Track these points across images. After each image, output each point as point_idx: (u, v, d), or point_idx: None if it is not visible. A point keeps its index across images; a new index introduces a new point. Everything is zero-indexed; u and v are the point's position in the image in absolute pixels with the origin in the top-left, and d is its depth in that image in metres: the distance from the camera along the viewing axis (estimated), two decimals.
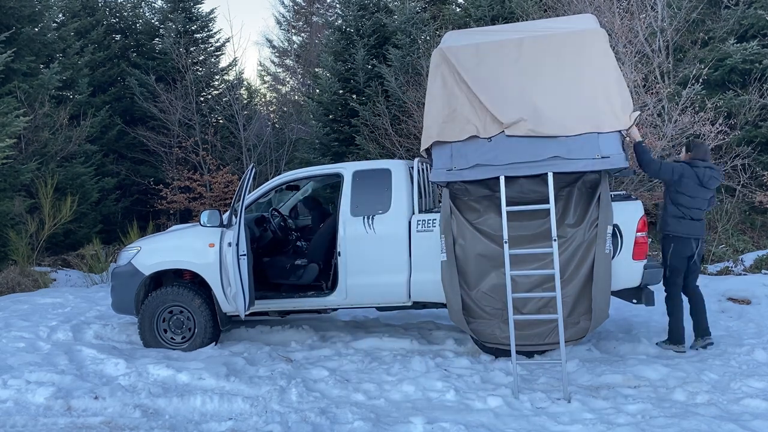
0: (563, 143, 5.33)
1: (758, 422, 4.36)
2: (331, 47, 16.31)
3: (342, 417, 4.69)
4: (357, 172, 6.59)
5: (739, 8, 12.86)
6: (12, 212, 11.55)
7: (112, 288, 6.92)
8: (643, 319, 7.24)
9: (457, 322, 5.89)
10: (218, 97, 17.54)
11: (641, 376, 5.38)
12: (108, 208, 15.28)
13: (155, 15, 19.25)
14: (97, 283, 10.96)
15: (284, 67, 30.18)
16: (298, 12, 30.14)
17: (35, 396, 5.08)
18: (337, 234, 6.43)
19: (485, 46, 5.88)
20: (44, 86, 13.02)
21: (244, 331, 7.23)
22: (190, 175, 15.38)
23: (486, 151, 5.47)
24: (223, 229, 6.26)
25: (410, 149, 12.82)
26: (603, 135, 5.32)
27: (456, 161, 5.54)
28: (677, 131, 10.43)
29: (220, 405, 4.95)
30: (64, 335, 6.88)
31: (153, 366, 5.70)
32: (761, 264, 9.66)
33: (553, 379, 5.47)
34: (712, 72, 12.06)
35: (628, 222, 5.76)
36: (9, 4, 12.45)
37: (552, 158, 5.31)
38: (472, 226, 5.80)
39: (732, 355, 5.80)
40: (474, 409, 4.84)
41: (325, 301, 6.55)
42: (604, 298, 5.53)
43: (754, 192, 11.56)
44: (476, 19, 14.45)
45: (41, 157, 12.74)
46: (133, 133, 16.41)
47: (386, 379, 5.51)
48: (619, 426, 4.41)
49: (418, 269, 6.23)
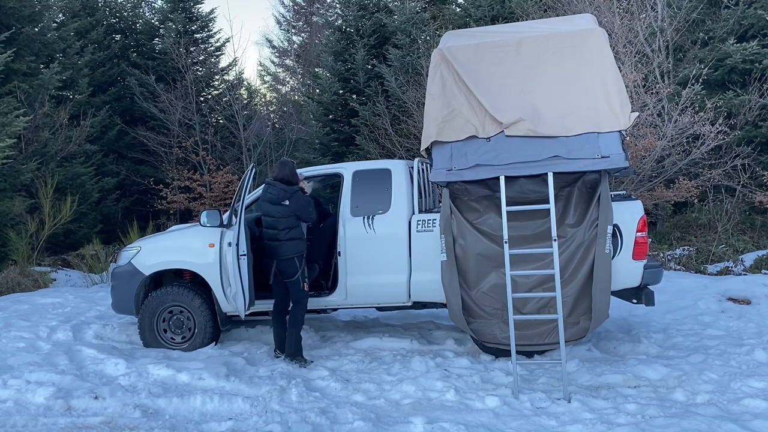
0: (563, 143, 5.33)
1: (758, 422, 4.36)
2: (331, 47, 16.31)
3: (342, 417, 4.69)
4: (357, 172, 6.59)
5: (739, 8, 12.87)
6: (12, 212, 11.55)
7: (112, 288, 6.92)
8: (643, 319, 7.24)
9: (457, 322, 5.88)
10: (218, 97, 17.54)
11: (641, 376, 5.38)
12: (108, 208, 15.29)
13: (155, 15, 19.26)
14: (97, 283, 10.96)
15: (284, 67, 30.19)
16: (298, 12, 30.15)
17: (35, 396, 5.08)
18: (337, 234, 6.44)
19: (484, 46, 5.89)
20: (44, 86, 13.03)
21: (244, 331, 7.23)
22: (190, 175, 15.39)
23: (486, 151, 5.47)
24: (223, 229, 6.26)
25: (410, 149, 12.83)
26: (603, 135, 5.32)
27: (456, 161, 5.54)
28: (677, 131, 10.43)
29: (220, 405, 4.95)
30: (64, 335, 6.88)
31: (153, 366, 5.70)
32: (761, 264, 9.66)
33: (553, 379, 5.48)
34: (712, 72, 12.07)
35: (628, 222, 5.76)
36: (9, 4, 12.45)
37: (552, 158, 5.30)
38: (472, 226, 5.80)
39: (732, 355, 5.80)
40: (474, 409, 4.84)
41: (325, 301, 6.56)
42: (604, 298, 5.53)
43: (754, 192, 11.56)
44: (476, 19, 14.45)
45: (41, 157, 12.75)
46: (133, 133, 16.42)
47: (386, 379, 5.51)
48: (619, 426, 4.41)
49: (418, 269, 6.23)
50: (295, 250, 6.03)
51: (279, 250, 6.03)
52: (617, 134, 5.35)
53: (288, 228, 6.01)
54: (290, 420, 4.63)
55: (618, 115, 5.36)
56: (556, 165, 5.29)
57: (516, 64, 5.72)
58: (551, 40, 5.75)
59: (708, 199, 12.13)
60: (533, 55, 5.72)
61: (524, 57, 5.73)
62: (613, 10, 11.12)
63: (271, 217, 6.05)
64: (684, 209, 12.82)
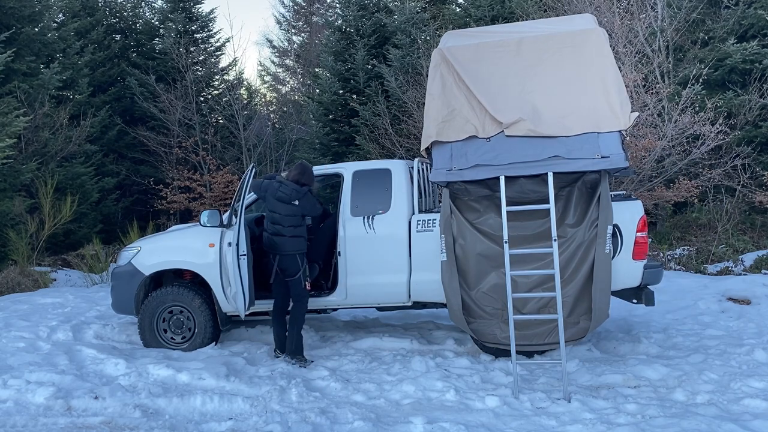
0: (563, 143, 5.33)
1: (758, 422, 4.36)
2: (331, 47, 16.31)
3: (342, 417, 4.69)
4: (357, 172, 6.59)
5: (739, 8, 12.87)
6: (12, 212, 11.55)
7: (112, 288, 6.92)
8: (643, 319, 7.24)
9: (457, 322, 5.88)
10: (218, 97, 17.54)
11: (641, 376, 5.38)
12: (108, 208, 15.29)
13: (155, 15, 19.26)
14: (97, 283, 10.96)
15: (284, 67, 30.20)
16: (298, 12, 30.16)
17: (35, 396, 5.08)
18: (337, 234, 6.44)
19: (484, 46, 5.89)
20: (44, 86, 13.03)
21: (244, 331, 7.23)
22: (190, 175, 15.39)
23: (486, 151, 5.47)
24: (223, 229, 6.26)
25: (410, 149, 12.83)
26: (603, 135, 5.32)
27: (456, 161, 5.54)
28: (677, 131, 10.43)
29: (220, 405, 4.95)
30: (64, 335, 6.88)
31: (153, 366, 5.70)
32: (761, 264, 9.66)
33: (553, 379, 5.48)
34: (712, 72, 12.07)
35: (628, 222, 5.76)
36: (9, 4, 12.44)
37: (552, 158, 5.30)
38: (472, 226, 5.80)
39: (732, 355, 5.80)
40: (474, 409, 4.84)
41: (325, 301, 6.56)
42: (604, 298, 5.52)
43: (754, 192, 11.56)
44: (476, 19, 14.45)
45: (41, 157, 12.75)
46: (133, 133, 16.42)
47: (386, 379, 5.51)
48: (619, 426, 4.41)
49: (418, 269, 6.23)
50: (297, 247, 6.12)
51: (282, 246, 6.09)
52: (617, 134, 5.35)
53: (293, 226, 6.12)
54: (290, 420, 4.63)
55: (618, 115, 5.36)
56: (556, 165, 5.29)
57: (516, 64, 5.72)
58: (551, 40, 5.74)
59: (708, 199, 12.14)
60: (533, 55, 5.72)
61: (524, 57, 5.73)
62: (613, 10, 11.13)
63: (278, 214, 6.13)
64: (684, 209, 12.82)
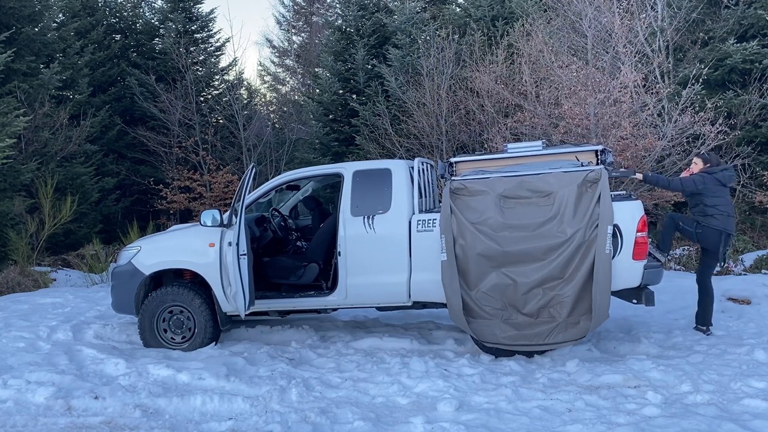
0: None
1: (758, 422, 4.35)
2: (331, 47, 16.32)
3: (342, 417, 4.69)
4: (357, 172, 6.59)
5: (739, 8, 12.87)
6: (12, 212, 11.55)
7: (112, 288, 6.91)
8: (643, 319, 7.24)
9: (458, 322, 5.89)
10: (218, 97, 17.54)
11: (641, 376, 5.37)
12: (108, 208, 15.29)
13: (155, 15, 19.24)
14: (97, 283, 10.95)
15: (284, 67, 30.21)
16: (298, 12, 30.16)
17: (35, 396, 5.08)
18: (337, 234, 6.43)
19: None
20: (44, 86, 13.03)
21: (244, 331, 7.23)
22: (190, 175, 15.40)
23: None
24: (223, 229, 6.26)
25: (410, 149, 12.83)
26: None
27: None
28: (677, 131, 10.42)
29: (220, 405, 4.95)
30: (64, 335, 6.88)
31: (153, 366, 5.70)
32: (761, 264, 9.66)
33: (553, 379, 5.47)
34: (712, 72, 12.07)
35: (628, 222, 5.75)
36: (9, 4, 12.44)
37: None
38: (472, 225, 5.80)
39: (732, 355, 5.80)
40: (474, 409, 4.83)
41: (325, 301, 6.55)
42: (605, 298, 5.53)
43: (754, 192, 11.56)
44: (476, 19, 14.46)
45: (41, 157, 12.75)
46: (133, 133, 16.42)
47: (386, 379, 5.50)
48: (619, 426, 4.41)
49: (418, 269, 6.23)
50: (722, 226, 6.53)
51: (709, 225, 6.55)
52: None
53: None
54: (290, 420, 4.63)
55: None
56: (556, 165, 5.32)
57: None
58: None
59: None
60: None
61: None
62: (613, 10, 11.11)
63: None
64: (684, 209, 12.81)
